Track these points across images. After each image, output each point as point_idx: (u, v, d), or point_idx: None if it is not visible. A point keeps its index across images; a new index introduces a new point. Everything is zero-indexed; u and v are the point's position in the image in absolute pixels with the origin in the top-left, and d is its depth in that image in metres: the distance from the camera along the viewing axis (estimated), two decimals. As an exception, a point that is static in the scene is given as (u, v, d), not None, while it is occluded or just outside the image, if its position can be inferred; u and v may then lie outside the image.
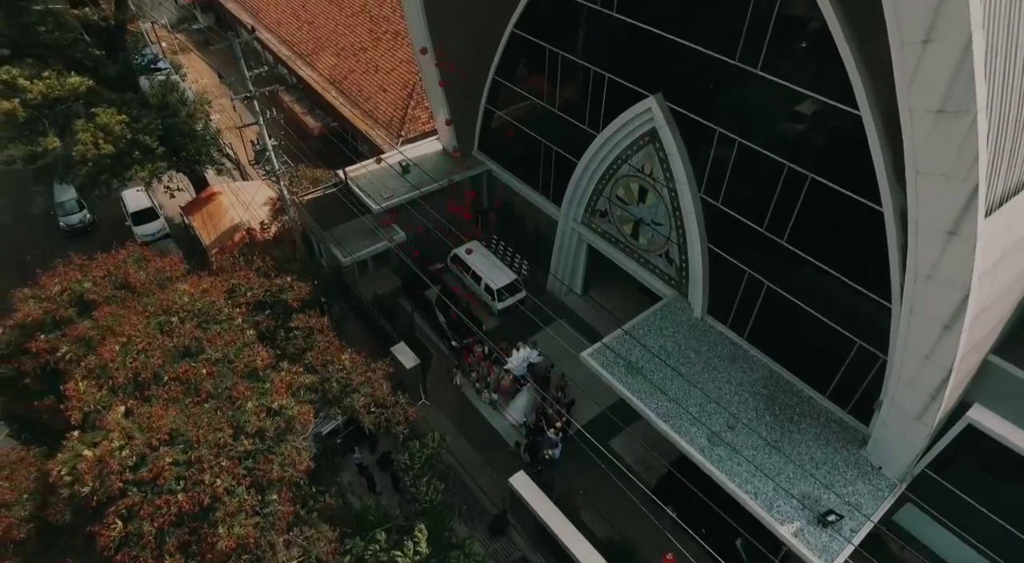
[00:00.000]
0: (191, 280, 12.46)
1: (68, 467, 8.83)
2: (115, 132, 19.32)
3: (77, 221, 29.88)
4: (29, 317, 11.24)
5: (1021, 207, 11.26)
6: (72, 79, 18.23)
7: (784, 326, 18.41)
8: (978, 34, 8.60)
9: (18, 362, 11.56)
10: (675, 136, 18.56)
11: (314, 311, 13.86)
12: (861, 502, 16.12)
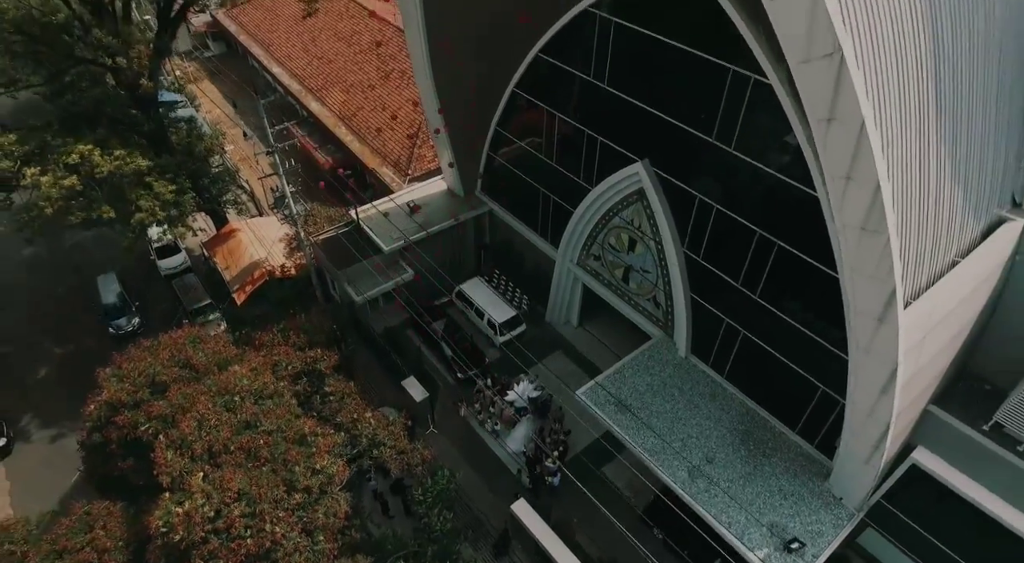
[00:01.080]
0: (245, 362, 14.54)
1: (164, 520, 11.01)
2: (168, 199, 21.45)
3: (126, 323, 29.57)
4: (115, 397, 13.38)
5: (941, 293, 13.37)
6: (141, 161, 20.25)
7: (759, 368, 20.44)
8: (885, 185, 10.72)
9: (106, 432, 13.66)
10: (660, 198, 20.63)
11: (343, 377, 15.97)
12: (823, 530, 18.21)
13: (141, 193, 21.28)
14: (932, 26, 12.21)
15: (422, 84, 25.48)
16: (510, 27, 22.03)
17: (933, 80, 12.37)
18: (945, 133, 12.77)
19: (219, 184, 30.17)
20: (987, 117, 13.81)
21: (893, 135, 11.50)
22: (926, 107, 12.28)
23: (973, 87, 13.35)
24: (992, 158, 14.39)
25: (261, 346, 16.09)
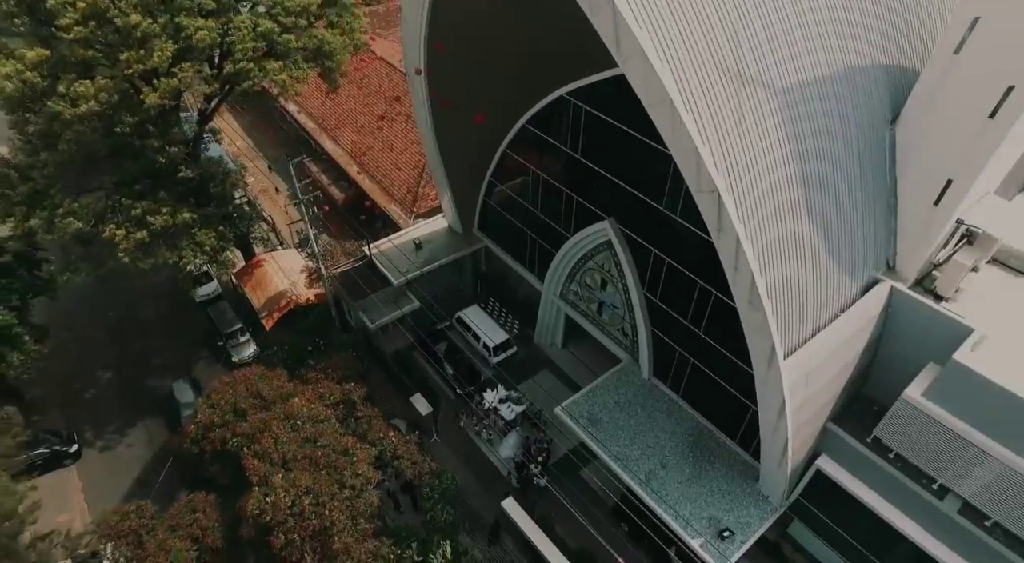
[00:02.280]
0: (300, 394, 18.96)
1: (256, 506, 15.50)
2: (211, 246, 25.93)
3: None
4: (208, 420, 17.83)
5: (819, 344, 17.85)
6: (185, 215, 24.70)
7: (706, 389, 24.80)
8: (759, 279, 15.24)
9: (200, 447, 18.08)
10: (624, 249, 25.07)
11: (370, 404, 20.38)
12: (751, 521, 22.65)
13: (188, 243, 25.74)
14: (800, 157, 16.71)
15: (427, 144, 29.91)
16: (503, 104, 26.49)
17: (804, 196, 16.84)
18: (817, 229, 17.23)
19: (248, 222, 34.54)
20: (854, 207, 18.26)
21: (768, 240, 15.98)
22: (798, 214, 16.75)
23: (839, 187, 17.82)
24: (863, 237, 18.86)
25: (308, 381, 20.52)
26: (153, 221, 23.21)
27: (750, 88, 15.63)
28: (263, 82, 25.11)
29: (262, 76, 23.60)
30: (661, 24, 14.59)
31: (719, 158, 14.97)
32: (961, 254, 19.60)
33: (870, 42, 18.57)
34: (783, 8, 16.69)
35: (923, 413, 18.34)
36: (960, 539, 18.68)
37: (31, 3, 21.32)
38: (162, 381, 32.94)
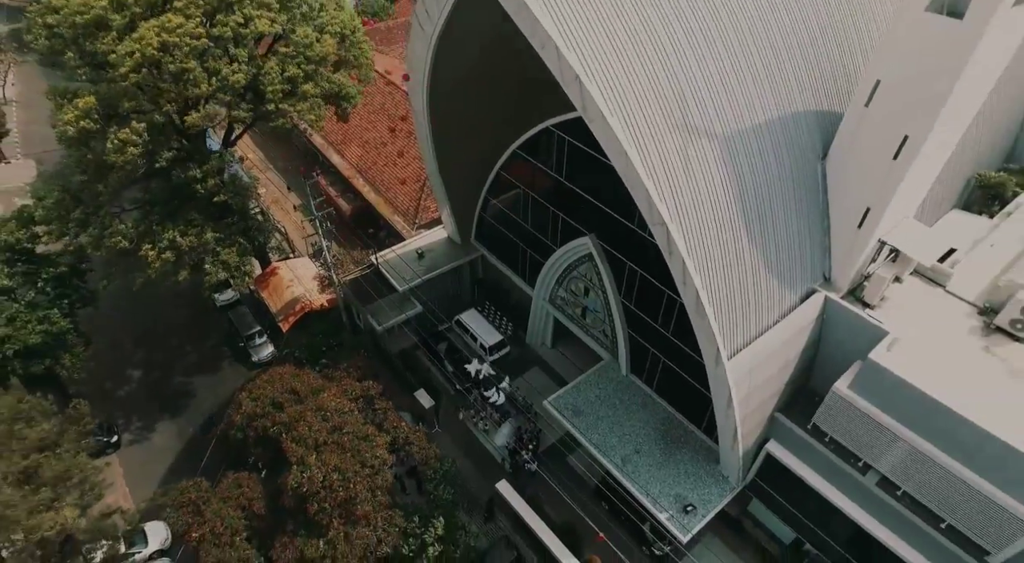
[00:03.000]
0: (328, 390, 22.37)
1: (295, 481, 18.91)
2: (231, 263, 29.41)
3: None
4: (250, 411, 21.24)
5: (760, 346, 21.32)
6: (209, 235, 28.14)
7: (675, 384, 28.26)
8: (702, 293, 18.71)
9: (245, 433, 21.46)
10: (603, 261, 28.50)
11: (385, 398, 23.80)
12: (712, 498, 26.14)
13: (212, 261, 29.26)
14: (740, 192, 20.17)
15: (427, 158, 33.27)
16: (498, 131, 29.90)
17: (743, 224, 20.27)
18: (756, 251, 20.67)
19: (264, 234, 37.90)
20: (790, 230, 21.70)
21: (712, 261, 19.42)
22: (739, 239, 20.20)
23: (775, 215, 21.26)
24: (800, 254, 22.31)
25: (333, 379, 23.90)
26: (182, 242, 26.67)
27: (695, 137, 19.09)
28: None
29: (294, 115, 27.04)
30: (620, 92, 18.04)
31: (668, 196, 18.43)
32: (882, 269, 23.08)
33: (801, 91, 22.04)
34: (724, 68, 20.16)
35: (849, 403, 21.82)
36: (878, 507, 22.22)
37: (91, 55, 24.71)
38: (189, 379, 36.42)
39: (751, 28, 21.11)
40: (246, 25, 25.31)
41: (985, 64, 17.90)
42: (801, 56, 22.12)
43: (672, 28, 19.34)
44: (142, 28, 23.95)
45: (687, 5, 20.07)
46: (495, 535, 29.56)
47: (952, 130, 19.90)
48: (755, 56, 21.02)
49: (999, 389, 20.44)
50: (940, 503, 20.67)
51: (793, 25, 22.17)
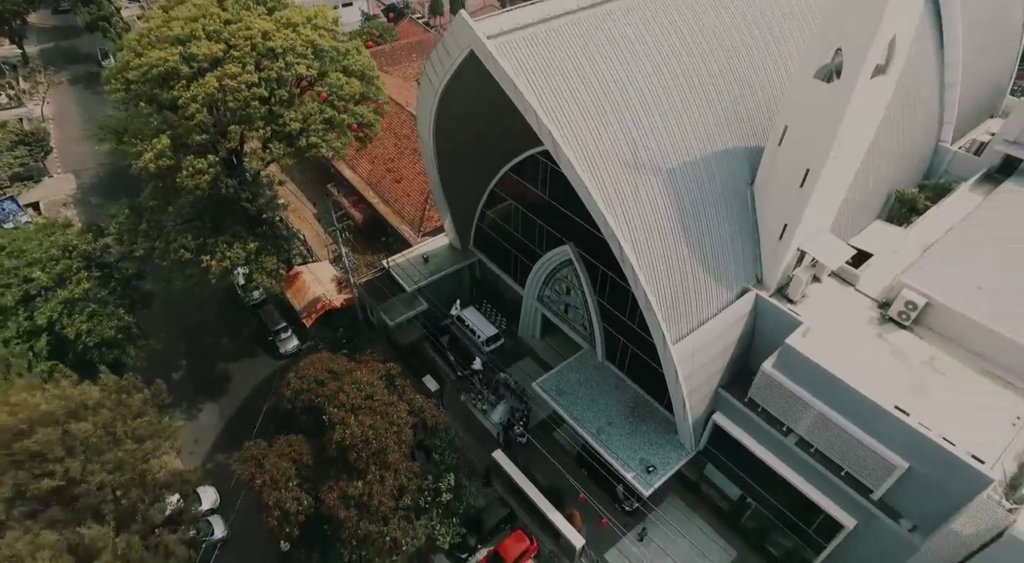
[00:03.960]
0: (359, 369, 27.83)
1: (339, 436, 24.39)
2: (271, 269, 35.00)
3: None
4: (298, 387, 26.71)
5: (701, 334, 26.91)
6: (250, 245, 33.66)
7: (642, 368, 33.79)
8: (650, 293, 24.37)
9: (294, 404, 26.91)
10: (581, 266, 34.03)
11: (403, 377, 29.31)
12: (670, 461, 31.70)
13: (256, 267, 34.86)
14: (680, 213, 25.76)
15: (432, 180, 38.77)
16: (493, 155, 35.39)
17: (684, 238, 25.86)
18: (695, 259, 26.23)
19: (289, 242, 43.44)
20: (724, 242, 27.27)
21: (657, 267, 25.01)
22: (680, 250, 25.78)
23: (711, 231, 26.85)
24: (734, 261, 27.87)
25: (362, 362, 29.36)
26: (232, 253, 32.27)
27: (643, 173, 24.69)
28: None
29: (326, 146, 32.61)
30: (583, 143, 23.67)
31: (620, 218, 24.01)
32: (801, 271, 28.69)
33: (731, 132, 27.66)
34: (667, 117, 25.77)
35: (774, 380, 27.39)
36: (796, 461, 27.80)
37: (161, 101, 30.28)
38: (226, 367, 41.94)
39: (688, 83, 26.75)
40: (288, 69, 30.86)
41: (859, 116, 23.48)
42: (731, 102, 27.77)
43: (625, 92, 25.00)
44: (207, 77, 29.55)
45: (638, 73, 25.73)
46: (491, 496, 35.18)
47: (844, 164, 25.48)
48: (692, 105, 26.66)
49: (884, 366, 26.10)
50: (840, 455, 26.26)
51: (723, 77, 27.83)
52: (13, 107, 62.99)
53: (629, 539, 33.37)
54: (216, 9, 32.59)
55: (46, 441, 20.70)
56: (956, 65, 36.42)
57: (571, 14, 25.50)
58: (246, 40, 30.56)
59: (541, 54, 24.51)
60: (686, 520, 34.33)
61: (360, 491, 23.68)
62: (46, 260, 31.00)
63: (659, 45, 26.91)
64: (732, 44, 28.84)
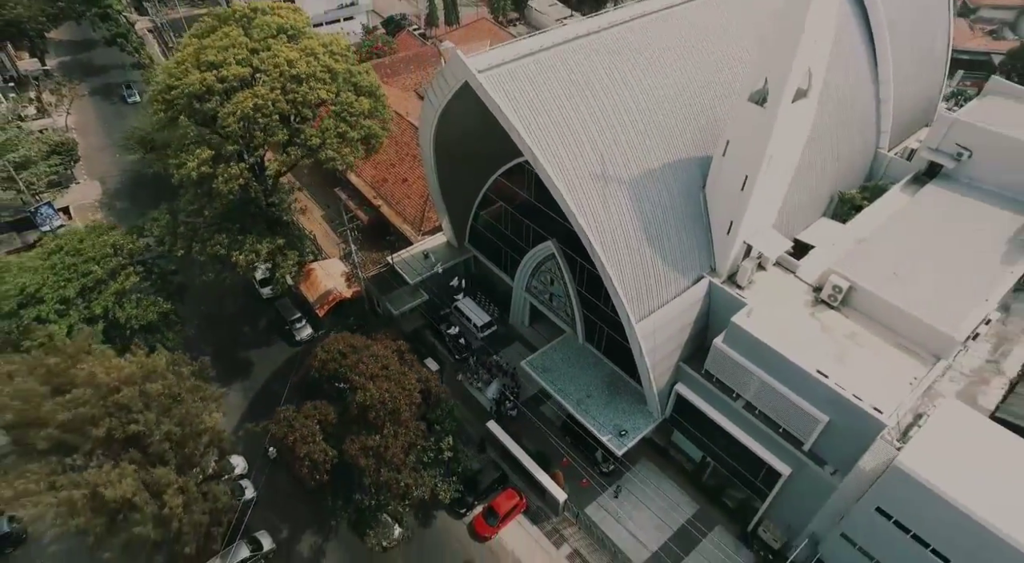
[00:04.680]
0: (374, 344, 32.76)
1: (361, 398, 29.18)
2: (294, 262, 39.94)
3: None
4: (323, 359, 31.65)
5: (660, 314, 31.99)
6: (274, 243, 38.62)
7: (615, 347, 38.81)
8: (617, 281, 29.46)
9: (320, 373, 31.81)
10: (563, 259, 39.06)
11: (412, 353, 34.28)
12: (640, 427, 36.80)
13: (282, 261, 39.83)
14: (641, 216, 30.86)
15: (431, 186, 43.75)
16: (485, 163, 40.39)
17: (645, 236, 30.96)
18: (655, 253, 31.32)
19: (303, 240, 48.31)
20: (680, 237, 32.36)
21: (622, 260, 30.09)
22: (642, 246, 30.88)
23: (669, 228, 31.95)
24: (690, 252, 32.94)
25: (376, 340, 34.21)
26: (260, 249, 37.32)
27: (611, 183, 29.79)
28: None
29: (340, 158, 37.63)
30: (559, 158, 28.82)
31: (592, 221, 29.10)
32: (746, 261, 33.84)
33: (686, 144, 32.82)
34: (631, 136, 30.88)
35: (724, 353, 32.49)
36: (744, 422, 32.92)
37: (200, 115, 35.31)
38: (247, 353, 46.80)
39: (648, 104, 31.92)
40: (311, 92, 35.90)
41: (785, 131, 28.63)
42: (685, 119, 32.95)
43: (595, 115, 30.19)
44: (238, 95, 34.55)
45: (606, 98, 30.93)
46: (486, 461, 40.24)
47: (777, 170, 30.62)
48: (652, 125, 31.81)
49: (814, 340, 31.28)
50: (778, 415, 31.37)
51: (679, 100, 33.02)
52: (39, 118, 67.60)
53: (606, 496, 38.47)
54: (244, 38, 37.52)
55: (130, 397, 25.62)
56: (888, 82, 41.68)
57: (548, 50, 30.67)
58: (275, 67, 35.53)
59: (523, 84, 29.61)
60: (656, 480, 39.45)
61: (378, 444, 28.63)
62: (100, 257, 35.88)
63: (624, 75, 32.07)
64: (685, 73, 34.02)
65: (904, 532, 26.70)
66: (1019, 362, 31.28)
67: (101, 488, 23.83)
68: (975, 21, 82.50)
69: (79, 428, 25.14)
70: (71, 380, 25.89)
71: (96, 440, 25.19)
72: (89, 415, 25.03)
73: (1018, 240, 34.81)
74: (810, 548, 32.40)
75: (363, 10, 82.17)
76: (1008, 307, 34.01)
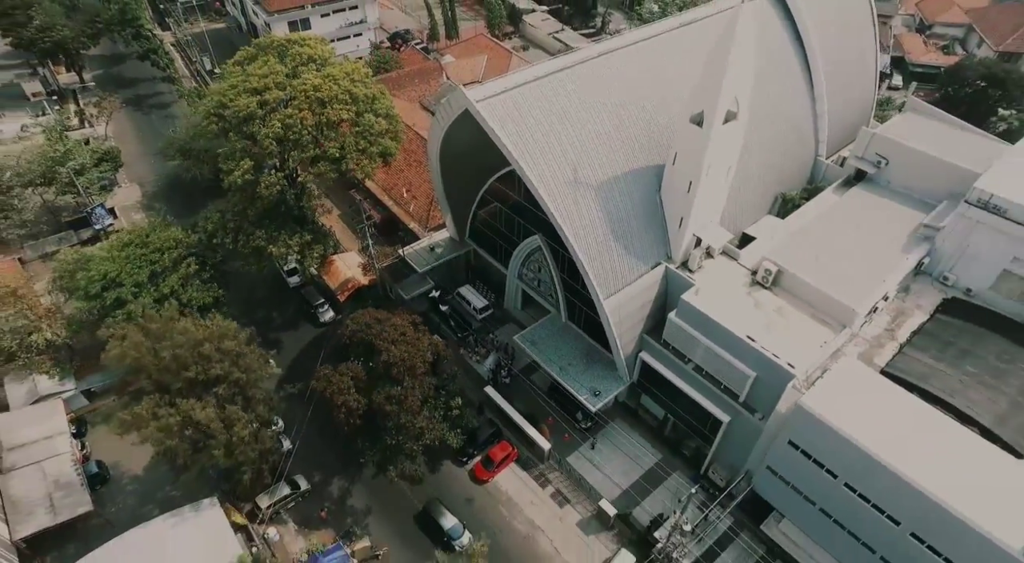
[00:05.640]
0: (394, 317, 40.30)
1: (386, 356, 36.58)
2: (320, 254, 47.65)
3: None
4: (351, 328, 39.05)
5: (625, 293, 39.57)
6: (304, 238, 46.28)
7: (593, 324, 46.35)
8: (588, 267, 37.17)
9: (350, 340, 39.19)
10: (548, 250, 46.67)
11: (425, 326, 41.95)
12: (611, 389, 44.44)
13: (310, 253, 47.50)
14: (607, 215, 38.52)
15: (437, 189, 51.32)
16: (483, 170, 47.98)
17: (611, 231, 38.59)
18: (620, 245, 38.84)
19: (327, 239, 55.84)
20: (641, 231, 40.00)
21: (591, 250, 37.71)
22: (608, 239, 38.49)
23: (632, 225, 39.59)
24: (650, 244, 40.54)
25: (395, 313, 41.72)
26: (291, 243, 45.00)
27: (581, 188, 37.45)
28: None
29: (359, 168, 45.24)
30: (540, 167, 36.41)
31: (567, 219, 36.75)
32: (696, 250, 41.45)
33: (645, 154, 40.48)
34: (599, 148, 38.57)
35: (677, 325, 40.11)
36: (694, 382, 40.59)
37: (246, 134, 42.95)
38: (278, 333, 54.41)
39: (612, 124, 39.61)
40: (334, 113, 43.54)
41: (719, 147, 36.20)
42: (643, 135, 40.63)
43: (570, 135, 37.87)
44: (274, 117, 42.17)
45: (578, 121, 38.53)
46: (483, 420, 47.88)
47: (716, 177, 38.20)
48: (615, 140, 39.51)
49: (748, 313, 38.92)
50: (719, 374, 38.96)
51: (639, 117, 40.69)
52: (80, 128, 75.09)
53: (584, 448, 46.12)
54: (280, 67, 45.15)
55: (211, 350, 33.40)
56: (822, 97, 49.43)
57: (532, 82, 38.36)
58: (303, 93, 43.18)
59: (512, 110, 37.27)
60: (626, 435, 47.10)
61: (399, 393, 36.27)
62: (165, 249, 43.52)
63: (594, 100, 39.74)
64: (644, 97, 41.71)
65: (807, 458, 34.36)
66: (909, 330, 38.98)
67: (191, 413, 31.53)
68: (930, 37, 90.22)
69: (174, 371, 32.91)
70: (168, 335, 33.86)
71: (185, 380, 32.97)
72: (182, 360, 32.87)
73: (917, 233, 42.50)
74: (746, 482, 40.10)
75: (371, 27, 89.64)
76: (908, 287, 41.71)
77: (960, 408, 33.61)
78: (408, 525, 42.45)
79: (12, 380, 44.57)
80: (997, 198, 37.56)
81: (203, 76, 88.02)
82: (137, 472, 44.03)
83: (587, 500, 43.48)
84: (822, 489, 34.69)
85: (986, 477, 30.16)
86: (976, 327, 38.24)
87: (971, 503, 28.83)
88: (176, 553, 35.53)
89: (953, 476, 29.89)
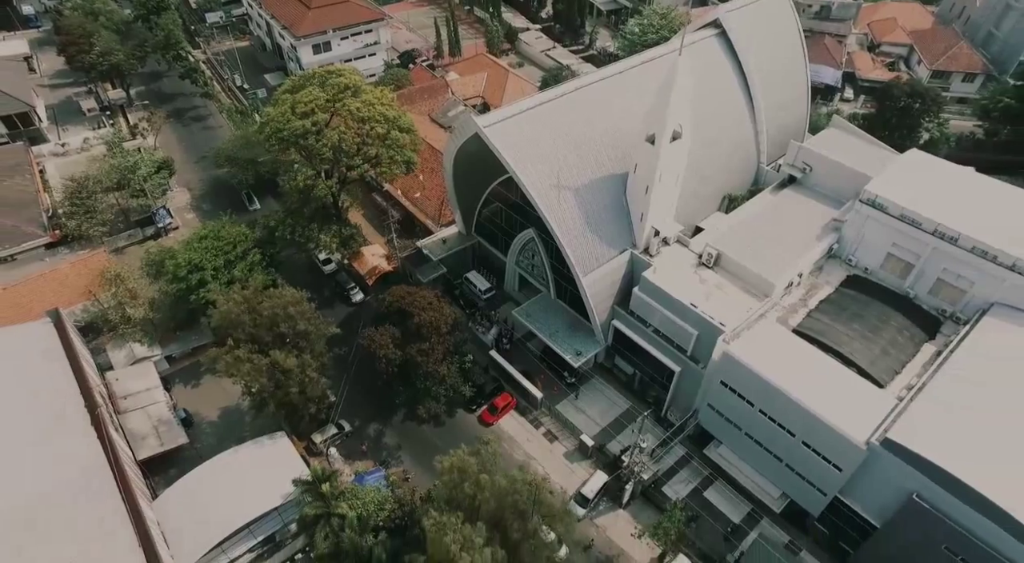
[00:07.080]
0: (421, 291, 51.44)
1: (417, 320, 48.13)
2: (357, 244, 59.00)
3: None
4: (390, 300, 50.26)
5: (599, 272, 51.00)
6: (346, 231, 57.56)
7: (576, 300, 57.63)
8: (568, 251, 48.67)
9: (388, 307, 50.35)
10: (540, 241, 58.05)
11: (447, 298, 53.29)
12: (590, 349, 55.93)
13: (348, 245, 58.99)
14: (584, 211, 50.03)
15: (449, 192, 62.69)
16: (487, 176, 59.35)
17: (587, 223, 50.03)
18: (595, 235, 50.24)
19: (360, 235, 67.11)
20: (612, 224, 51.43)
21: (571, 238, 49.11)
22: (585, 229, 49.96)
23: (605, 219, 51.05)
24: (619, 234, 51.92)
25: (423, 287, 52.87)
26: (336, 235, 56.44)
27: (563, 191, 48.95)
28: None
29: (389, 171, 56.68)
30: (531, 174, 47.90)
31: (552, 215, 48.22)
32: (655, 239, 52.92)
33: (612, 164, 52.02)
34: (579, 157, 50.10)
35: (639, 297, 51.56)
36: (652, 341, 52.12)
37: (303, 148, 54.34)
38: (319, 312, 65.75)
39: (590, 140, 51.11)
40: (371, 129, 54.97)
41: (668, 161, 47.66)
42: (612, 148, 52.20)
43: (556, 150, 49.37)
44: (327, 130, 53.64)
45: (564, 139, 50.04)
46: (488, 378, 59.35)
47: (667, 183, 49.65)
48: (590, 152, 51.04)
49: (693, 287, 50.41)
50: (671, 333, 50.46)
51: (613, 134, 52.23)
52: (132, 139, 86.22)
53: (570, 398, 57.60)
54: (322, 93, 56.55)
55: (295, 311, 45.25)
56: (761, 111, 61.03)
57: (527, 111, 49.85)
58: (347, 113, 54.61)
59: (513, 133, 48.70)
60: (603, 389, 58.61)
61: (427, 348, 47.73)
62: (236, 241, 54.89)
63: (577, 120, 51.19)
64: (617, 118, 53.22)
65: (734, 393, 45.91)
66: (818, 299, 50.57)
67: (280, 361, 43.00)
68: (878, 54, 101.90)
69: (267, 327, 44.45)
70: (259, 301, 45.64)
71: (275, 335, 44.53)
72: (274, 318, 44.58)
73: (829, 225, 54.09)
74: (694, 419, 51.68)
75: (383, 48, 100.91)
76: (822, 267, 53.31)
77: (845, 354, 45.15)
78: (430, 457, 53.90)
79: (114, 347, 55.86)
80: (880, 198, 49.18)
81: (234, 92, 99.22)
82: (213, 418, 55.36)
83: (571, 437, 54.97)
84: (745, 417, 46.26)
85: (855, 400, 41.76)
86: (866, 297, 49.87)
87: (842, 417, 40.41)
88: (258, 470, 46.89)
89: (833, 400, 41.46)
